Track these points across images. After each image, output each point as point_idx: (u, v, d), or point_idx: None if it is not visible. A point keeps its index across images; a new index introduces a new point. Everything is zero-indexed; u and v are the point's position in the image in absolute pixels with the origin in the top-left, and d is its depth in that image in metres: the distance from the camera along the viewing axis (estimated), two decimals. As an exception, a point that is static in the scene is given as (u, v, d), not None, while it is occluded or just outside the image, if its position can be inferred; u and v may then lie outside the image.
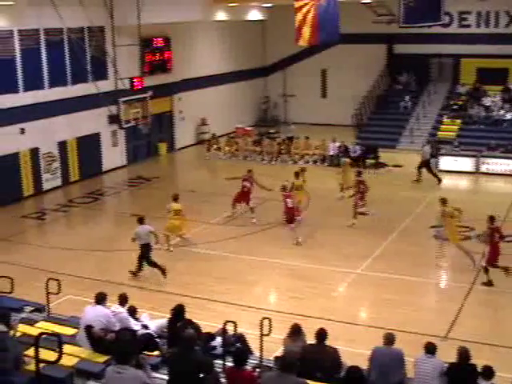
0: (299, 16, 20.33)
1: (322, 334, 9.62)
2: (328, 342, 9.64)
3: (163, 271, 17.00)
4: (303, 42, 20.81)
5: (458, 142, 29.98)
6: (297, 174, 21.90)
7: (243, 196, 21.75)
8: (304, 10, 20.21)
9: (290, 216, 19.60)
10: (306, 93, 39.03)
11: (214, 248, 19.37)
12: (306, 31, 20.35)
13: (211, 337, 10.98)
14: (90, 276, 17.19)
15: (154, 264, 17.23)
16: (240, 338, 10.87)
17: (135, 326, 10.93)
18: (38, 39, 24.92)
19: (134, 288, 15.78)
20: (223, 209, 22.76)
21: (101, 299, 10.50)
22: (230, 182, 22.43)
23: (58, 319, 11.84)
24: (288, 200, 19.67)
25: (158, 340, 10.65)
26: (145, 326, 11.20)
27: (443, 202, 18.16)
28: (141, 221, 17.51)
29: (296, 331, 10.01)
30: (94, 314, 10.24)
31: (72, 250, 19.27)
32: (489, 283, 16.15)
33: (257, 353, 10.76)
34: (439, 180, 26.42)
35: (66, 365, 8.81)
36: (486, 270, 16.20)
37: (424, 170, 26.65)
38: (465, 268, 17.43)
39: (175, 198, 19.36)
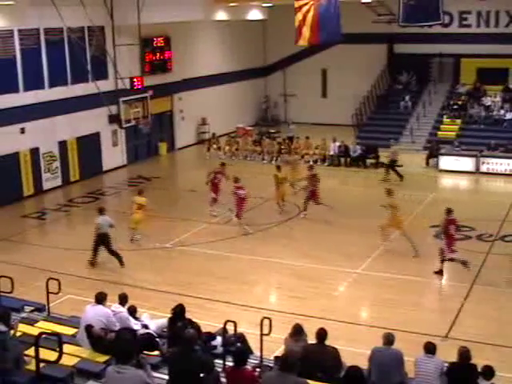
0: (299, 16, 20.31)
1: (322, 334, 9.61)
2: (329, 342, 9.63)
3: (121, 260, 17.72)
4: (303, 42, 20.78)
5: (458, 141, 29.96)
6: (278, 168, 22.89)
7: (214, 187, 22.07)
8: (304, 9, 20.19)
9: (241, 207, 20.38)
10: (306, 92, 39.01)
11: (214, 248, 19.37)
12: (307, 31, 20.32)
13: (211, 336, 10.98)
14: (90, 276, 17.19)
15: (113, 252, 17.86)
16: (240, 338, 10.87)
17: (135, 325, 10.93)
18: (38, 39, 24.92)
19: (134, 288, 15.76)
20: (224, 208, 22.76)
21: (101, 299, 10.50)
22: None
23: (58, 319, 11.84)
24: (240, 192, 20.31)
25: (158, 340, 10.64)
26: (145, 326, 11.19)
27: (389, 192, 19.25)
28: (101, 211, 18.12)
29: (298, 331, 10.00)
30: (94, 314, 10.24)
31: (72, 250, 19.26)
32: (463, 263, 16.60)
33: (257, 352, 10.75)
34: (401, 179, 26.64)
35: (66, 364, 8.81)
36: (452, 260, 16.65)
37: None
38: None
39: (140, 192, 20.18)
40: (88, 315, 10.29)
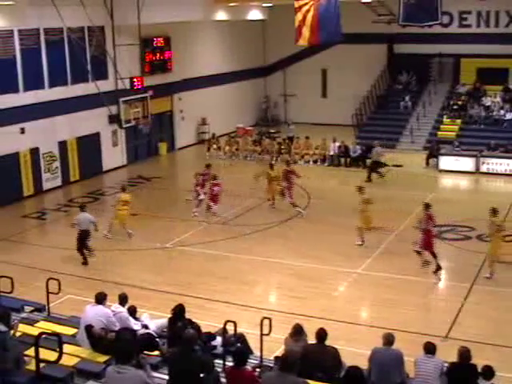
0: (299, 16, 20.32)
1: (321, 334, 9.61)
2: (329, 342, 9.63)
3: (85, 261, 18.20)
4: (303, 42, 20.80)
5: (458, 141, 29.96)
6: (271, 166, 23.68)
7: (202, 188, 22.46)
8: (304, 9, 20.21)
9: (215, 202, 21.57)
10: (306, 92, 39.02)
11: (214, 248, 19.38)
12: (306, 31, 20.34)
13: (211, 336, 10.98)
14: (90, 276, 17.19)
15: (82, 251, 18.24)
16: (240, 338, 10.87)
17: (135, 325, 10.92)
18: (38, 39, 24.92)
19: (134, 288, 15.75)
20: (224, 208, 22.79)
21: (101, 299, 10.50)
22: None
23: (58, 319, 11.84)
24: (216, 188, 21.58)
25: (158, 340, 10.64)
26: (145, 326, 11.19)
27: (360, 189, 20.08)
28: (82, 208, 18.80)
29: (298, 331, 9.99)
30: (94, 314, 10.23)
31: (72, 250, 19.22)
32: (425, 263, 16.98)
33: (257, 352, 10.75)
34: (369, 179, 26.51)
35: (66, 364, 8.81)
36: (419, 253, 16.97)
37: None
38: (465, 268, 17.45)
39: (123, 189, 20.78)
40: (88, 315, 10.28)
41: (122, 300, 11.19)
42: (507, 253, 17.00)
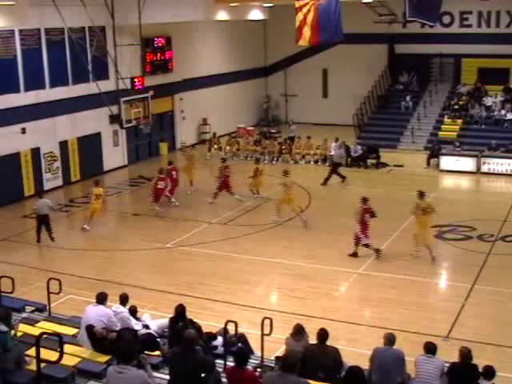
0: (300, 16, 20.30)
1: (322, 335, 9.60)
2: (330, 342, 9.63)
3: (39, 239, 19.81)
4: (304, 42, 20.76)
5: (459, 141, 29.95)
6: (257, 160, 24.97)
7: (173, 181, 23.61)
8: (304, 9, 20.19)
9: (158, 196, 22.47)
10: (307, 93, 39.04)
11: (215, 248, 19.37)
12: (307, 31, 20.31)
13: (212, 337, 10.98)
14: (91, 276, 17.18)
15: (39, 232, 19.80)
16: (241, 338, 10.87)
17: (136, 325, 10.93)
18: (39, 39, 24.91)
19: (135, 288, 15.75)
20: (224, 209, 22.81)
21: (102, 299, 10.50)
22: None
23: (59, 319, 11.84)
24: (160, 182, 22.45)
25: (159, 340, 10.64)
26: (146, 326, 11.19)
27: (285, 173, 21.61)
28: (40, 195, 20.60)
29: (299, 331, 9.98)
30: (95, 314, 10.23)
31: (73, 250, 19.29)
32: (354, 255, 18.18)
33: (258, 353, 10.75)
34: (323, 183, 26.45)
35: (67, 365, 8.81)
36: (367, 246, 18.14)
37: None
38: (466, 268, 17.45)
39: (96, 183, 21.47)
40: (89, 315, 10.28)
41: (123, 300, 11.19)
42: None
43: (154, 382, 8.49)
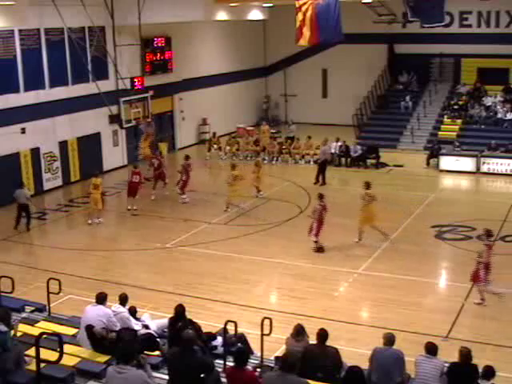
0: (300, 16, 20.29)
1: (322, 335, 9.60)
2: (329, 342, 9.63)
3: (16, 226, 20.95)
4: (304, 42, 20.75)
5: (458, 141, 29.95)
6: (233, 166, 24.06)
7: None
8: (304, 9, 20.18)
9: (134, 189, 22.86)
10: (306, 93, 39.04)
11: (215, 248, 19.37)
12: (307, 31, 20.31)
13: (212, 336, 10.98)
14: (90, 276, 17.18)
15: (19, 220, 21.00)
16: (241, 338, 10.87)
17: (136, 325, 10.92)
18: (39, 39, 24.91)
19: (134, 288, 15.75)
20: (224, 209, 22.80)
21: (101, 299, 10.49)
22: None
23: (58, 319, 11.83)
24: (135, 176, 22.94)
25: (158, 340, 10.64)
26: (145, 326, 11.19)
27: (233, 166, 23.11)
28: (20, 185, 21.47)
29: (299, 331, 9.97)
30: (94, 314, 10.22)
31: (73, 250, 19.28)
32: (320, 250, 18.67)
33: (258, 353, 10.74)
34: (322, 183, 26.45)
35: (66, 365, 8.80)
36: (316, 242, 18.67)
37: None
38: (466, 268, 17.43)
39: (96, 174, 22.26)
40: (88, 315, 10.27)
41: (123, 300, 11.18)
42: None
43: (154, 382, 8.50)
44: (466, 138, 30.88)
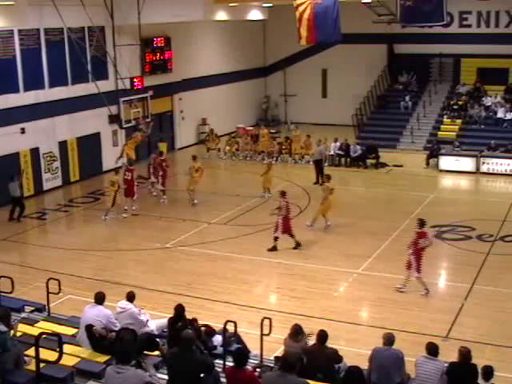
0: (296, 15, 20.33)
1: (323, 336, 9.61)
2: (329, 342, 9.64)
3: (10, 218, 21.83)
4: (303, 42, 20.79)
5: (458, 141, 29.96)
6: (194, 158, 24.52)
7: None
8: (300, 8, 20.20)
9: (129, 189, 22.58)
10: (306, 93, 39.03)
11: (214, 248, 19.37)
12: (303, 31, 20.33)
13: (211, 332, 11.00)
14: (90, 276, 17.18)
15: (12, 212, 21.94)
16: (235, 338, 10.88)
17: (143, 316, 10.96)
18: (39, 39, 24.91)
19: (134, 288, 15.62)
20: (223, 209, 22.81)
21: (100, 299, 10.46)
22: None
23: (58, 319, 11.83)
24: (128, 173, 22.70)
25: (158, 340, 10.64)
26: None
27: (194, 158, 24.05)
28: (12, 179, 21.97)
29: (297, 332, 9.98)
30: (93, 315, 10.21)
31: (72, 250, 19.27)
32: (273, 249, 18.89)
33: (253, 351, 10.73)
34: (319, 183, 26.08)
35: (66, 365, 8.81)
36: (276, 239, 18.88)
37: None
38: (465, 268, 17.46)
39: (116, 171, 22.76)
40: (87, 316, 10.27)
41: (131, 298, 11.15)
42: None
43: (157, 381, 8.51)
44: (465, 138, 30.89)
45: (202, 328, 11.08)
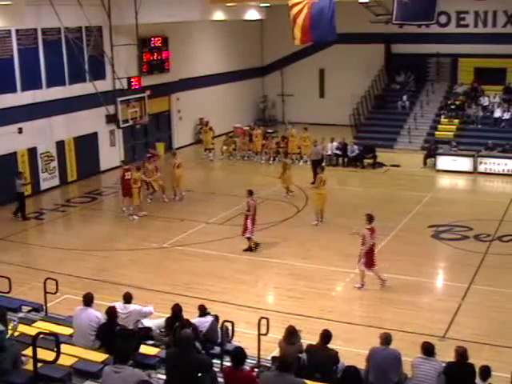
0: (291, 16, 20.36)
1: (326, 336, 9.58)
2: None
3: (16, 213, 22.26)
4: (297, 41, 20.81)
5: (455, 141, 30.00)
6: (174, 155, 25.16)
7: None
8: (295, 9, 20.21)
9: (128, 189, 22.31)
10: (303, 92, 39.03)
11: (212, 248, 19.36)
12: (297, 31, 20.34)
13: (203, 311, 11.10)
14: (87, 276, 17.17)
15: (17, 212, 22.30)
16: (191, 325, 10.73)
17: (147, 308, 11.06)
18: (36, 39, 24.89)
19: (131, 288, 15.66)
20: (222, 208, 22.81)
21: (89, 301, 10.32)
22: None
23: (55, 319, 11.80)
24: (126, 173, 22.53)
25: (154, 331, 10.74)
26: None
27: (174, 155, 24.82)
28: (17, 175, 22.55)
29: (291, 333, 9.88)
30: (85, 318, 10.14)
31: (70, 250, 19.26)
32: (250, 249, 18.91)
33: (255, 352, 10.73)
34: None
35: (63, 364, 8.79)
36: (249, 239, 18.87)
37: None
38: (463, 268, 17.48)
39: (138, 168, 22.82)
40: (79, 318, 10.23)
41: (128, 299, 11.11)
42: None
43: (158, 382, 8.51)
44: (463, 138, 30.93)
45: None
